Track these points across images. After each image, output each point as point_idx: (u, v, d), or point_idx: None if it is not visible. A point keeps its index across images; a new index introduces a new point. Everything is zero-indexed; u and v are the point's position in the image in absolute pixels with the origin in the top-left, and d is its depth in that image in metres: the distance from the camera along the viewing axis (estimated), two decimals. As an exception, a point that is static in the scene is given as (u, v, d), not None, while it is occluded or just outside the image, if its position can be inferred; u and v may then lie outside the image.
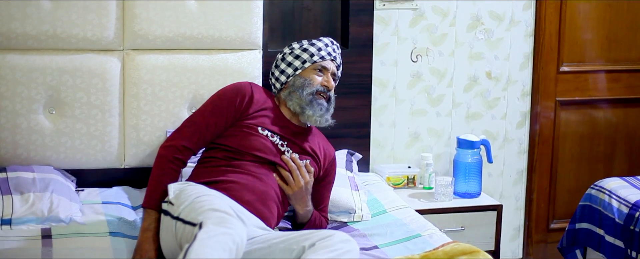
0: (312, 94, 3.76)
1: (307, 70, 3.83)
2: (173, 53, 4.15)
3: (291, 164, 3.65)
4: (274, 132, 3.71)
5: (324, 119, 3.78)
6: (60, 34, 3.97)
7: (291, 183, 3.63)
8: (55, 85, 3.99)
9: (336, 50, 3.93)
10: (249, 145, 3.63)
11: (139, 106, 4.11)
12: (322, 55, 3.84)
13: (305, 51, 3.85)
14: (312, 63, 3.83)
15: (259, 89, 3.83)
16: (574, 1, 5.09)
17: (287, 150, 3.71)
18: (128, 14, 4.06)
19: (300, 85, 3.78)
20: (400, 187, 4.68)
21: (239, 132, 3.67)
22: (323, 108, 3.77)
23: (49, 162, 4.03)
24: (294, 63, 3.84)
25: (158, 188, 3.50)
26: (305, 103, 3.75)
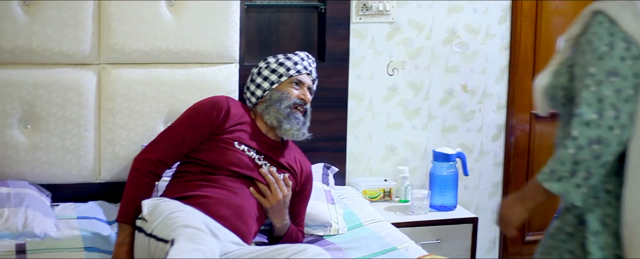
0: (289, 107, 3.76)
1: (284, 83, 3.83)
2: (149, 67, 4.15)
3: (269, 177, 3.64)
4: (250, 147, 3.70)
5: (301, 133, 3.78)
6: (36, 48, 3.96)
7: (269, 197, 3.62)
8: (30, 100, 3.98)
9: (312, 64, 3.95)
10: (224, 160, 3.62)
11: (115, 120, 4.10)
12: (298, 69, 3.84)
13: (282, 65, 3.85)
14: (289, 77, 3.83)
15: (235, 103, 3.82)
16: (549, 15, 5.12)
17: (265, 164, 3.70)
18: (104, 27, 4.05)
19: (278, 99, 3.78)
20: (377, 200, 4.68)
21: (215, 147, 3.66)
22: (300, 122, 3.77)
23: (24, 177, 4.02)
24: (270, 77, 3.84)
25: (132, 202, 3.50)
26: (283, 116, 3.75)
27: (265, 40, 4.58)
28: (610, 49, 2.51)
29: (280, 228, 3.70)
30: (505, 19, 5.04)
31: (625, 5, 2.55)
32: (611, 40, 2.52)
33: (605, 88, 2.49)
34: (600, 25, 2.54)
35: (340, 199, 4.31)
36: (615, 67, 2.50)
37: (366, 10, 4.69)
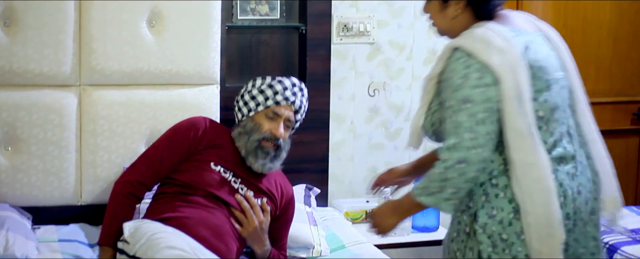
0: (257, 141, 3.66)
1: (260, 113, 3.72)
2: (130, 89, 4.13)
3: (244, 204, 3.59)
4: (227, 169, 3.66)
5: (266, 167, 3.68)
6: (17, 69, 3.94)
7: (245, 224, 3.58)
8: (11, 121, 3.96)
9: (297, 93, 3.78)
10: (200, 181, 3.59)
11: (96, 142, 4.08)
12: (278, 100, 3.72)
13: (262, 93, 3.74)
14: (265, 107, 3.72)
15: (214, 124, 3.81)
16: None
17: (241, 188, 3.65)
18: (85, 49, 4.04)
19: (249, 130, 3.69)
20: (359, 222, 4.67)
21: (192, 167, 3.64)
22: (268, 157, 3.67)
23: (4, 199, 3.98)
24: (249, 104, 3.76)
25: (113, 224, 3.50)
26: (250, 150, 3.66)
27: (247, 61, 4.58)
28: (465, 80, 2.82)
29: (262, 254, 3.66)
30: (486, 39, 5.06)
31: (479, 39, 2.85)
32: (466, 72, 2.83)
33: (461, 115, 2.82)
34: (458, 61, 2.86)
35: (322, 221, 4.29)
36: (468, 95, 2.81)
37: (347, 31, 4.69)
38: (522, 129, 2.83)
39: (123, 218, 3.49)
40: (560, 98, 2.99)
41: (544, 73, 2.94)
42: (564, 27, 5.21)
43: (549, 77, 2.96)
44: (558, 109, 2.97)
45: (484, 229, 2.92)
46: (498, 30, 2.90)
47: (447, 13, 3.04)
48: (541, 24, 3.15)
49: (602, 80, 5.38)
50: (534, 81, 2.90)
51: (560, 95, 3.00)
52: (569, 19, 5.25)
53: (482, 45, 2.84)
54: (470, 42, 2.87)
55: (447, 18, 3.05)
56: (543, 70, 2.94)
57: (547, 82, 2.95)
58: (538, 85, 2.91)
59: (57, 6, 3.97)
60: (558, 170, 2.92)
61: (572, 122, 3.07)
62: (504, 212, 2.90)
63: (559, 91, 2.99)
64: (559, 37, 3.17)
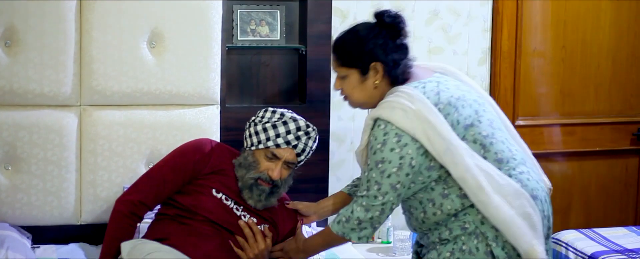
0: (254, 179, 3.59)
1: (260, 151, 3.62)
2: (130, 109, 4.15)
3: (247, 230, 3.56)
4: (229, 196, 3.61)
5: (260, 204, 3.62)
6: (17, 90, 3.96)
7: (247, 250, 3.54)
8: (11, 141, 3.97)
9: (301, 137, 3.63)
10: (200, 206, 3.56)
11: (96, 162, 4.09)
12: (278, 142, 3.59)
13: (265, 131, 3.61)
14: (265, 147, 3.61)
15: (220, 148, 3.73)
16: (528, 56, 5.17)
17: (244, 215, 3.62)
18: (85, 69, 4.06)
19: (247, 165, 3.61)
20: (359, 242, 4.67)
21: (193, 191, 3.60)
22: (263, 194, 3.60)
23: (4, 219, 3.99)
24: (252, 138, 3.64)
25: (113, 243, 3.49)
26: (245, 185, 3.60)
27: (247, 82, 4.59)
28: (383, 145, 3.17)
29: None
30: (485, 60, 5.08)
31: (396, 107, 3.17)
32: (384, 138, 3.17)
33: (373, 173, 3.19)
34: (378, 128, 3.20)
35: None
36: (383, 156, 3.16)
37: (347, 52, 4.70)
38: (465, 175, 3.15)
39: (123, 238, 3.48)
40: (490, 116, 3.32)
41: (464, 101, 3.26)
42: (563, 49, 5.24)
43: (470, 102, 3.28)
44: (495, 132, 3.28)
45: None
46: (408, 92, 3.21)
47: (367, 84, 3.31)
48: (435, 65, 3.49)
49: (601, 101, 5.39)
50: (463, 111, 3.23)
51: (487, 113, 3.31)
52: (568, 40, 5.27)
53: (399, 112, 3.16)
54: (388, 112, 3.18)
55: (368, 89, 3.32)
56: (463, 99, 3.26)
57: (472, 107, 3.26)
58: (467, 112, 3.24)
59: (58, 27, 4.00)
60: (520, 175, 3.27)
61: (507, 135, 3.37)
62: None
63: (485, 110, 3.31)
64: (454, 68, 3.51)
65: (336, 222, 3.30)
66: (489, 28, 5.10)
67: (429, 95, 3.21)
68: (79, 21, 4.05)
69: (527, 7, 5.14)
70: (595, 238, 4.51)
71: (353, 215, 3.24)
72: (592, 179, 5.44)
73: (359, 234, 3.27)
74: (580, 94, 5.35)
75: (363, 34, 3.30)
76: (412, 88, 3.23)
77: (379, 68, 3.27)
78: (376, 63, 3.27)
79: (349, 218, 3.25)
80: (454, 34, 5.03)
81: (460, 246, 3.20)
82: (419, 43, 4.91)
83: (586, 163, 5.41)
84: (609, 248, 4.36)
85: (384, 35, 3.29)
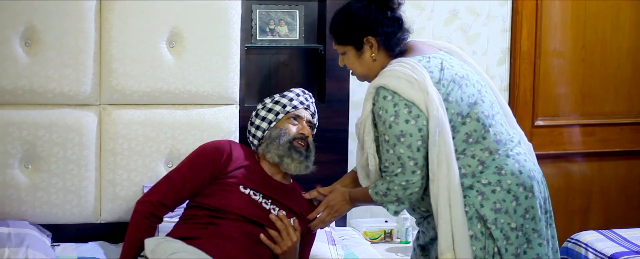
0: (289, 142, 3.74)
1: (282, 120, 3.82)
2: (150, 108, 4.16)
3: (280, 223, 3.59)
4: (256, 191, 3.65)
5: (303, 166, 3.76)
6: (37, 89, 3.97)
7: (280, 243, 3.57)
8: (31, 140, 3.99)
9: (309, 98, 3.94)
10: (230, 204, 3.58)
11: (116, 161, 4.10)
12: (295, 104, 3.84)
13: (277, 103, 3.85)
14: (286, 113, 3.82)
15: (238, 147, 3.81)
16: (547, 56, 5.16)
17: (273, 208, 3.65)
18: (105, 69, 4.07)
19: (277, 136, 3.76)
20: (378, 241, 4.67)
21: (219, 191, 3.63)
22: (302, 155, 3.75)
23: (24, 217, 4.01)
24: (267, 117, 3.83)
25: (134, 244, 3.50)
26: (284, 152, 3.73)
27: (266, 81, 4.60)
28: (396, 117, 3.21)
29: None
30: (505, 60, 5.07)
31: (400, 77, 3.21)
32: (396, 110, 3.21)
33: (399, 148, 3.23)
34: (385, 100, 3.23)
35: (341, 240, 4.29)
36: (402, 130, 3.21)
37: (366, 52, 4.71)
38: (441, 158, 3.22)
39: (143, 238, 3.49)
40: (491, 99, 3.40)
41: (467, 80, 3.33)
42: (583, 49, 5.23)
43: (474, 82, 3.35)
44: (494, 114, 3.37)
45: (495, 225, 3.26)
46: (411, 63, 3.26)
47: (365, 58, 3.41)
48: (441, 44, 3.54)
49: (621, 101, 5.37)
50: (466, 89, 3.31)
51: (489, 95, 3.40)
52: (588, 40, 5.26)
53: (404, 83, 3.21)
54: (393, 81, 3.23)
55: (367, 62, 3.41)
56: (466, 78, 3.34)
57: (475, 87, 3.34)
58: (471, 91, 3.32)
59: (78, 27, 4.01)
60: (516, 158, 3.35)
61: (505, 120, 3.48)
62: (506, 202, 3.28)
63: (487, 92, 3.40)
64: (458, 48, 3.57)
65: (374, 192, 3.38)
66: (508, 28, 5.10)
67: (433, 70, 3.28)
68: (99, 21, 4.07)
69: (546, 7, 5.13)
70: (615, 239, 4.49)
71: (390, 192, 3.31)
72: (612, 180, 5.42)
73: (396, 208, 3.36)
74: (600, 94, 5.34)
75: (353, 10, 3.39)
76: (416, 60, 3.29)
77: (372, 42, 3.37)
78: (369, 37, 3.36)
79: (386, 193, 3.33)
80: (473, 34, 5.02)
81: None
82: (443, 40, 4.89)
83: (606, 163, 5.39)
84: (629, 248, 4.34)
85: (374, 8, 3.36)
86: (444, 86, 3.26)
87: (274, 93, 4.11)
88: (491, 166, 3.29)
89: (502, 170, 3.28)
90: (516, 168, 3.30)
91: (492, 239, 3.25)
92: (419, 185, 3.27)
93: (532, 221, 3.31)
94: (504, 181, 3.27)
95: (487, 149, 3.30)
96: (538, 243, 3.33)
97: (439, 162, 3.21)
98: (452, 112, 3.26)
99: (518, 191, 3.28)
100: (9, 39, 3.94)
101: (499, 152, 3.30)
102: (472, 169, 3.28)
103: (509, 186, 3.27)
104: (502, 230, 3.24)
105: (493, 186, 3.27)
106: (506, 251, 3.25)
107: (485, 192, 3.26)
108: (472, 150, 3.30)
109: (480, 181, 3.27)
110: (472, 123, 3.28)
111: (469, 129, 3.29)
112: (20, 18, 3.94)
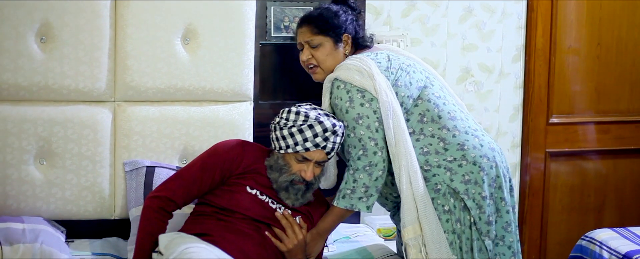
0: (287, 181, 3.62)
1: (290, 155, 3.62)
2: (164, 105, 4.17)
3: (285, 221, 3.60)
4: (262, 192, 3.64)
5: (298, 203, 3.67)
6: (52, 85, 3.99)
7: (285, 240, 3.58)
8: (46, 136, 4.00)
9: (329, 137, 3.56)
10: (237, 204, 3.59)
11: (130, 157, 4.12)
12: (307, 146, 3.57)
13: (292, 136, 3.59)
14: (295, 152, 3.61)
15: (250, 148, 3.74)
16: (562, 53, 5.14)
17: (279, 207, 3.65)
18: (120, 65, 4.08)
19: (279, 168, 3.63)
20: (391, 239, 4.67)
21: (227, 191, 3.63)
22: (299, 193, 3.65)
23: (39, 213, 4.02)
24: (280, 142, 3.64)
25: (146, 239, 3.52)
26: (281, 188, 3.63)
27: (280, 78, 4.60)
28: (351, 103, 3.52)
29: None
30: (519, 57, 5.06)
31: (350, 69, 3.57)
32: (350, 96, 3.53)
33: (359, 130, 3.51)
34: (338, 89, 3.56)
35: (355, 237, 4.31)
36: (358, 112, 3.51)
37: (380, 49, 4.72)
38: (398, 138, 3.51)
39: (155, 233, 3.51)
40: (439, 84, 3.74)
41: (414, 68, 3.69)
42: (598, 46, 5.21)
43: (420, 69, 3.72)
44: (446, 96, 3.71)
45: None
46: (360, 57, 3.62)
47: (338, 53, 3.77)
48: (390, 47, 3.90)
49: (636, 99, 5.35)
50: (414, 75, 3.65)
51: (437, 80, 3.75)
52: (604, 37, 5.24)
53: (355, 73, 3.55)
54: (344, 73, 3.57)
55: (338, 57, 3.76)
56: (413, 67, 3.69)
57: (423, 74, 3.70)
58: (418, 76, 3.66)
59: (93, 23, 4.03)
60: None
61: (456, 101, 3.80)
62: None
63: (435, 78, 3.75)
64: (405, 52, 3.88)
65: (341, 198, 3.56)
66: (523, 25, 5.08)
67: (381, 61, 3.64)
68: (114, 17, 4.08)
69: (562, 4, 5.12)
70: (629, 237, 4.48)
71: (357, 184, 3.51)
72: (627, 177, 5.40)
73: (366, 203, 3.55)
74: (615, 92, 5.32)
75: (336, 9, 3.81)
76: (364, 55, 3.67)
77: (348, 41, 3.77)
78: (346, 35, 3.77)
79: (354, 188, 3.52)
80: (488, 30, 5.02)
81: (441, 207, 3.57)
82: (453, 40, 4.90)
83: (621, 161, 5.38)
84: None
85: (350, 13, 3.83)
86: (392, 73, 3.60)
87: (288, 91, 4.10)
88: (453, 143, 3.59)
89: (464, 146, 3.59)
90: (477, 142, 3.62)
91: (467, 211, 3.57)
92: (381, 167, 3.49)
93: (499, 190, 3.64)
94: (468, 155, 3.58)
95: (444, 127, 3.61)
96: (505, 210, 3.64)
97: (397, 142, 3.49)
98: (402, 95, 3.58)
99: (483, 163, 3.58)
100: (25, 36, 3.95)
101: (457, 129, 3.62)
102: (434, 147, 3.59)
103: (473, 159, 3.58)
104: (474, 200, 3.55)
105: (459, 161, 3.57)
106: (480, 219, 3.57)
107: (453, 168, 3.57)
108: (430, 130, 3.61)
109: (446, 158, 3.58)
110: (424, 104, 3.62)
111: (422, 109, 3.62)
112: (36, 15, 3.96)
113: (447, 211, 3.56)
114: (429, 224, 3.51)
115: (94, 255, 3.88)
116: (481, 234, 3.58)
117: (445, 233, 3.55)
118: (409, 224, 3.52)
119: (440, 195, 3.57)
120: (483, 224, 3.57)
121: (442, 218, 3.56)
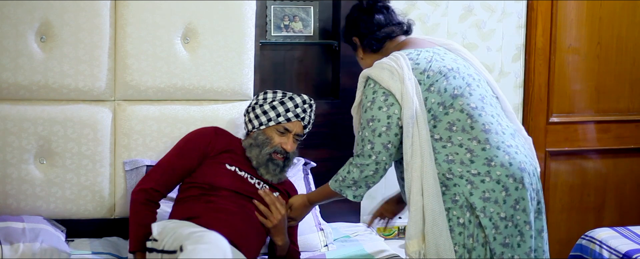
0: (268, 154, 3.81)
1: (271, 128, 3.84)
2: (164, 104, 4.17)
3: (268, 198, 3.75)
4: (241, 168, 3.80)
5: (277, 179, 3.85)
6: (52, 84, 3.99)
7: (270, 217, 3.72)
8: (46, 135, 4.00)
9: (307, 109, 3.89)
10: (221, 181, 3.73)
11: (130, 156, 4.12)
12: (289, 116, 3.84)
13: (273, 109, 3.84)
14: (277, 123, 3.83)
15: (223, 132, 3.94)
16: (562, 53, 5.14)
17: (258, 182, 3.81)
18: (120, 64, 4.08)
19: (260, 143, 3.82)
20: (392, 238, 4.68)
21: (209, 169, 3.77)
22: (278, 169, 3.84)
23: (39, 212, 4.03)
24: (260, 118, 3.85)
25: (139, 230, 3.63)
26: (261, 162, 3.82)
27: (280, 77, 4.61)
28: (372, 103, 3.50)
29: (283, 246, 3.79)
30: (519, 57, 5.06)
31: (385, 68, 3.50)
32: (373, 96, 3.49)
33: (366, 131, 3.49)
34: (368, 87, 3.54)
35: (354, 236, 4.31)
36: (373, 115, 3.48)
37: (380, 48, 4.72)
38: (415, 148, 3.43)
39: (145, 223, 3.61)
40: (483, 92, 3.59)
41: (456, 73, 3.54)
42: (598, 45, 5.21)
43: (463, 75, 3.56)
44: (485, 106, 3.55)
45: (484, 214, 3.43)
46: (397, 56, 3.54)
47: (359, 54, 3.83)
48: (442, 41, 3.78)
49: (636, 98, 5.35)
50: (453, 81, 3.51)
51: (481, 89, 3.59)
52: (604, 37, 5.24)
53: (387, 73, 3.48)
54: (377, 71, 3.52)
55: (361, 60, 3.82)
56: (455, 71, 3.55)
57: (464, 80, 3.54)
58: (458, 83, 3.52)
59: (93, 22, 4.03)
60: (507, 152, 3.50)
61: (500, 112, 3.66)
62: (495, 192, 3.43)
63: (479, 86, 3.59)
64: (459, 46, 3.79)
65: (334, 180, 3.61)
66: (523, 24, 5.08)
67: (420, 62, 3.53)
68: (114, 17, 4.08)
69: (562, 3, 5.11)
70: (629, 236, 4.48)
71: (348, 175, 3.54)
72: (627, 177, 5.40)
73: (354, 193, 3.58)
74: (615, 91, 5.32)
75: (349, 13, 3.84)
76: (405, 53, 3.57)
77: (357, 42, 3.80)
78: (354, 38, 3.80)
79: (345, 177, 3.56)
80: (488, 30, 5.01)
81: (456, 219, 3.43)
82: (453, 39, 4.88)
83: (621, 160, 5.37)
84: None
85: (358, 11, 3.79)
86: (428, 77, 3.49)
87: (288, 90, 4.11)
88: (481, 156, 3.44)
89: (492, 162, 3.43)
90: (506, 159, 3.45)
91: (481, 228, 3.42)
92: (373, 169, 3.48)
93: (523, 213, 3.46)
94: (493, 172, 3.42)
95: (474, 138, 3.46)
96: (530, 235, 3.48)
97: (413, 152, 3.42)
98: (432, 101, 3.47)
99: (508, 182, 3.43)
100: (25, 35, 3.96)
101: (489, 142, 3.46)
102: (460, 157, 3.44)
103: (498, 177, 3.42)
104: (490, 219, 3.40)
105: (482, 177, 3.42)
106: (494, 239, 3.41)
107: (475, 181, 3.42)
108: (459, 139, 3.46)
109: (470, 171, 3.42)
110: (455, 114, 3.47)
111: (452, 118, 3.47)
112: (36, 14, 3.96)
113: (461, 224, 3.41)
114: (434, 239, 3.39)
115: (94, 254, 3.88)
116: (494, 256, 3.43)
117: (455, 245, 3.42)
118: (414, 237, 3.44)
119: (457, 206, 3.42)
120: (498, 246, 3.42)
121: (455, 230, 3.42)
